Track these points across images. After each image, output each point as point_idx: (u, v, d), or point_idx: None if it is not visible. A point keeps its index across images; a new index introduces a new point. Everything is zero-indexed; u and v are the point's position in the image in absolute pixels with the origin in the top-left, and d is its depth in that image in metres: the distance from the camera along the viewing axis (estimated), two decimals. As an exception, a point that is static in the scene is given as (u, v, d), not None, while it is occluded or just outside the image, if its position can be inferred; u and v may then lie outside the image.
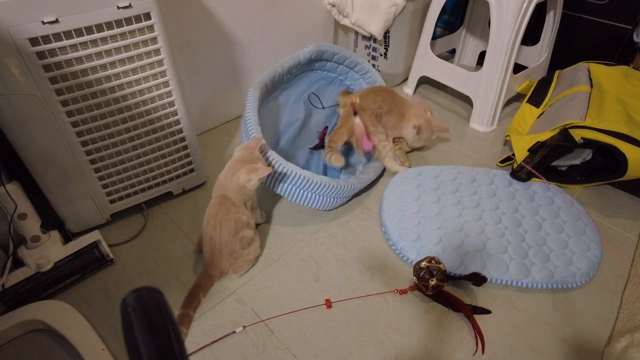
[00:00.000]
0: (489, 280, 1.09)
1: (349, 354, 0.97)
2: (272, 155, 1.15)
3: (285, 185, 1.18)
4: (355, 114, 1.34)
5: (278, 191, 1.20)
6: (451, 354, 0.97)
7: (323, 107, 1.58)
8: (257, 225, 1.23)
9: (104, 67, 0.99)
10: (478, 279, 1.06)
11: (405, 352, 0.98)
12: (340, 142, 1.34)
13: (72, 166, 1.08)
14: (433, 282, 1.03)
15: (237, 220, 1.06)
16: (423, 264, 1.05)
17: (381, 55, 1.86)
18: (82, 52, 0.94)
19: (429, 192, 1.33)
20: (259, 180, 1.06)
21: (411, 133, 1.44)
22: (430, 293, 1.05)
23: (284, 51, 1.70)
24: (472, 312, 1.03)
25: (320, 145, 1.48)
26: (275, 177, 1.18)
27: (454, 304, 1.04)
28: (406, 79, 1.92)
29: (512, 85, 1.64)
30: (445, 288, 1.06)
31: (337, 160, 1.29)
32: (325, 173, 1.43)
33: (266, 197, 1.36)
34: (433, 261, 1.05)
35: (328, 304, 1.06)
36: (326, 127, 1.54)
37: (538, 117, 1.53)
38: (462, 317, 1.04)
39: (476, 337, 0.99)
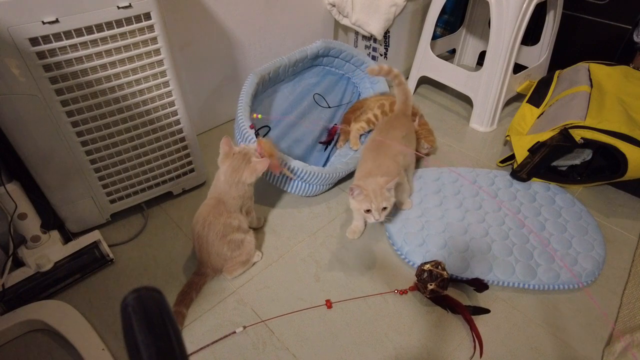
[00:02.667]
0: (495, 283, 1.09)
1: (349, 354, 0.97)
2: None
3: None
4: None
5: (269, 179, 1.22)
6: (451, 354, 0.97)
7: (329, 107, 1.59)
8: (255, 229, 1.23)
9: (104, 67, 0.99)
10: (480, 286, 1.06)
11: (405, 352, 0.98)
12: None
13: (72, 166, 1.08)
14: (432, 286, 1.02)
15: (226, 224, 1.06)
16: (427, 266, 1.05)
17: (381, 55, 1.86)
18: (82, 52, 0.94)
19: (431, 194, 1.33)
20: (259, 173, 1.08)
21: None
22: (428, 296, 1.05)
23: (284, 51, 1.70)
24: (471, 312, 1.03)
25: (329, 141, 1.52)
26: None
27: (454, 307, 1.04)
28: (406, 79, 1.92)
29: (512, 85, 1.64)
30: (445, 293, 1.05)
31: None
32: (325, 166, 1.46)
33: (266, 197, 1.36)
34: (439, 267, 1.05)
35: (328, 304, 1.06)
36: (336, 125, 1.56)
37: (538, 117, 1.53)
38: (462, 318, 1.04)
39: (474, 341, 0.98)
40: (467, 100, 1.72)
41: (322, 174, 1.26)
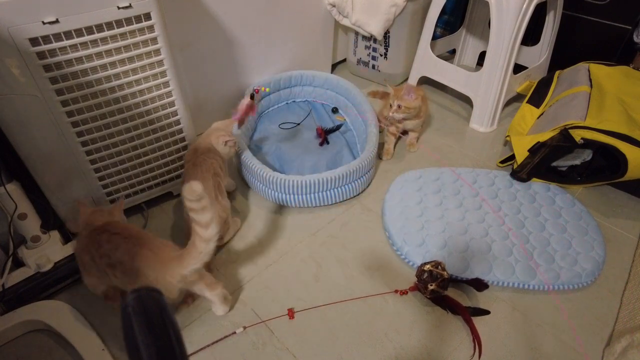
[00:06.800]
0: (495, 283, 1.09)
1: (349, 354, 0.97)
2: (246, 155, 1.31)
3: (260, 185, 1.32)
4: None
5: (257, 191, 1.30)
6: (451, 354, 0.97)
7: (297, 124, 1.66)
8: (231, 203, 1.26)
9: (104, 67, 0.99)
10: (480, 285, 1.06)
11: (405, 352, 0.98)
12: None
13: (72, 166, 1.08)
14: (432, 286, 1.02)
15: (214, 165, 1.16)
16: (427, 267, 1.04)
17: (381, 55, 1.86)
18: (82, 52, 0.94)
19: (431, 194, 1.33)
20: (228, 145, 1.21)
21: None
22: (428, 296, 1.05)
23: (284, 51, 1.70)
24: (471, 313, 1.03)
25: (324, 141, 1.55)
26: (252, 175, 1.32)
27: (454, 308, 1.04)
28: (406, 79, 1.92)
29: (512, 85, 1.64)
30: (446, 293, 1.05)
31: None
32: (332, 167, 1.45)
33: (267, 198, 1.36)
34: (439, 267, 1.04)
35: (290, 314, 1.06)
36: (320, 126, 1.58)
37: (538, 118, 1.53)
38: (462, 319, 1.04)
39: (474, 342, 0.98)
40: (467, 101, 1.72)
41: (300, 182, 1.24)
